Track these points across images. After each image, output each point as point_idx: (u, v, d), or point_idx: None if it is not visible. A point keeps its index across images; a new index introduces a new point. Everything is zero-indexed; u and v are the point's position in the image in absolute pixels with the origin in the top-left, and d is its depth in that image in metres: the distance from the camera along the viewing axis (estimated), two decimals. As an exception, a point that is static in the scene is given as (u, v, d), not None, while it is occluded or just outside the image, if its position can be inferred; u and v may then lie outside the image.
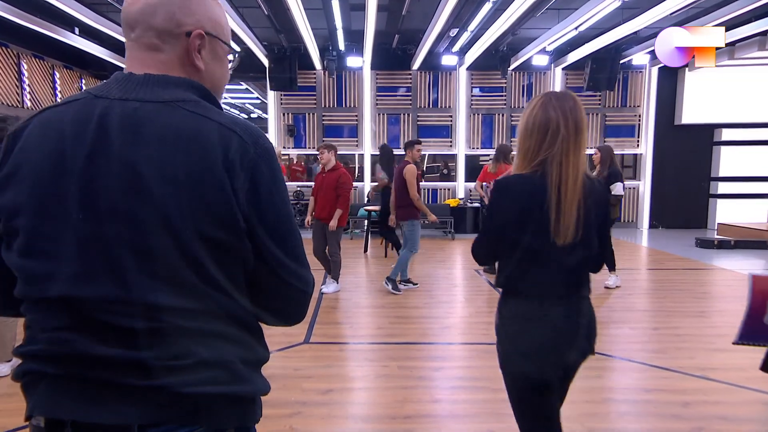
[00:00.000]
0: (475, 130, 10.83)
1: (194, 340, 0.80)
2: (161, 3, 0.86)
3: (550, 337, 1.50)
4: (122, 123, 0.80)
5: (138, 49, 0.88)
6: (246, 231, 0.82)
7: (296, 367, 3.48)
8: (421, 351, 3.86)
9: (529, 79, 10.75)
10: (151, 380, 0.77)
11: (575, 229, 1.48)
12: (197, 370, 0.79)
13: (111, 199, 0.78)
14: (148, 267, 0.78)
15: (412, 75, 10.70)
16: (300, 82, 10.03)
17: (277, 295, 0.88)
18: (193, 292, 0.80)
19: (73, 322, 0.78)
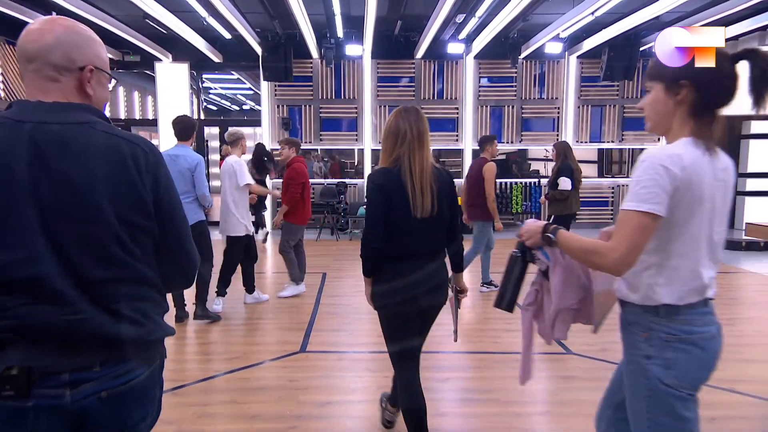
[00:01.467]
0: (483, 124, 10.82)
1: (124, 301, 1.18)
2: (57, 43, 1.19)
3: (409, 285, 2.21)
4: (50, 141, 1.14)
5: (39, 79, 1.21)
6: (153, 214, 1.23)
7: (292, 378, 3.47)
8: (425, 360, 3.81)
9: (542, 68, 10.73)
10: (98, 333, 1.15)
11: (431, 205, 2.21)
12: (130, 323, 1.19)
13: (51, 200, 1.13)
14: (84, 248, 1.14)
15: (415, 64, 10.69)
16: (295, 71, 10.03)
17: (173, 262, 1.30)
18: (119, 265, 1.18)
19: (33, 298, 1.11)
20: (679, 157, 1.37)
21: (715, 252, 1.47)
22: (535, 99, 10.77)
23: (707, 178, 1.40)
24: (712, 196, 1.42)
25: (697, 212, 1.40)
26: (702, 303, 1.45)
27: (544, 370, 3.67)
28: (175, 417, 2.97)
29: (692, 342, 1.42)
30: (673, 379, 1.42)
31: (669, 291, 1.42)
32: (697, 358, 1.42)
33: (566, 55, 10.50)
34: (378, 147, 10.74)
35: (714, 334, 1.46)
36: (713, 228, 1.45)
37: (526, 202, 10.62)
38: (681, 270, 1.42)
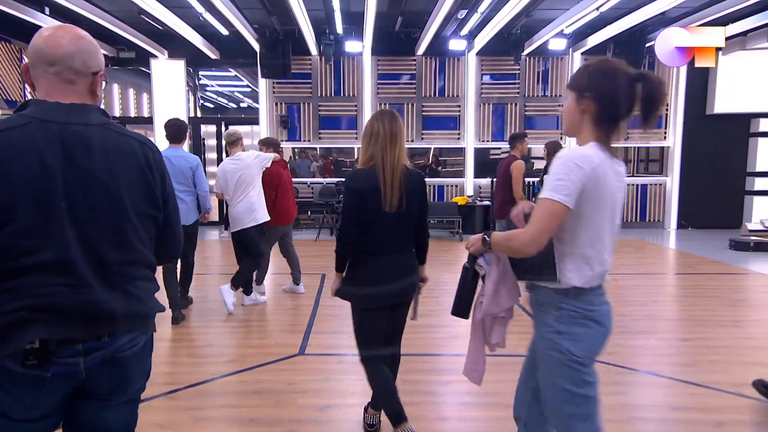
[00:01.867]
0: (486, 122, 10.82)
1: (133, 282, 1.42)
2: (78, 51, 1.40)
3: (378, 277, 2.45)
4: (76, 141, 1.35)
5: (59, 82, 1.40)
6: (162, 206, 1.50)
7: (290, 381, 3.47)
8: (426, 363, 3.85)
9: (545, 65, 10.73)
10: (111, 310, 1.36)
11: (399, 201, 2.41)
12: (137, 301, 1.42)
13: (80, 194, 1.34)
14: (106, 236, 1.37)
15: (416, 61, 10.69)
16: (294, 68, 10.03)
17: (171, 240, 1.58)
18: (131, 249, 1.42)
19: (59, 280, 1.31)
20: (590, 158, 1.62)
21: (613, 242, 1.75)
22: (538, 96, 10.77)
23: (610, 178, 1.66)
24: (613, 194, 1.68)
25: (600, 207, 1.65)
26: (599, 287, 1.74)
27: (547, 374, 3.66)
28: (170, 421, 2.97)
29: (594, 318, 1.70)
30: (581, 351, 1.68)
31: (578, 276, 1.68)
32: (598, 331, 1.71)
33: (570, 51, 10.49)
34: (378, 145, 10.75)
35: (608, 311, 1.76)
36: (614, 221, 1.72)
37: (529, 201, 10.60)
38: (588, 257, 1.67)
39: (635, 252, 8.52)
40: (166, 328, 4.74)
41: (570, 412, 1.72)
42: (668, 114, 10.80)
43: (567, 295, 1.69)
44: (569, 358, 1.69)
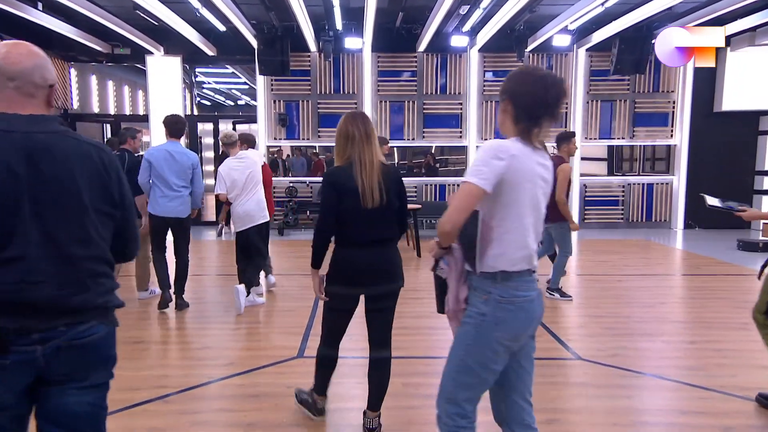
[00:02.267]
0: (488, 119, 10.82)
1: (95, 275, 1.57)
2: (36, 66, 1.55)
3: (358, 270, 2.61)
4: (39, 148, 1.49)
5: (18, 95, 1.54)
6: (117, 203, 1.63)
7: (289, 384, 3.47)
8: (428, 366, 3.85)
9: (549, 61, 10.72)
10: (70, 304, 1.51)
11: (379, 197, 2.58)
12: (96, 294, 1.57)
13: (44, 196, 1.49)
14: (69, 233, 1.52)
15: (417, 58, 10.69)
16: (293, 65, 10.03)
17: (127, 238, 1.71)
18: (93, 245, 1.56)
19: (24, 276, 1.46)
20: (508, 148, 1.81)
21: (537, 229, 1.91)
22: (542, 94, 10.74)
23: (529, 168, 1.84)
24: (534, 184, 1.86)
25: (520, 194, 1.83)
26: (527, 272, 1.89)
27: (550, 376, 3.67)
28: (166, 425, 2.97)
29: (518, 304, 1.86)
30: (500, 333, 1.87)
31: (504, 259, 1.84)
32: (518, 317, 1.88)
33: (575, 47, 10.49)
34: (378, 144, 10.75)
35: (533, 297, 1.91)
36: (536, 208, 1.89)
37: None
38: (512, 242, 1.84)
39: (641, 252, 8.51)
40: (161, 330, 4.74)
41: (462, 381, 1.93)
42: (675, 111, 10.79)
43: (495, 280, 1.86)
44: (486, 339, 1.87)
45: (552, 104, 1.85)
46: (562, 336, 4.41)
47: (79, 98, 11.72)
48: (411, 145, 10.94)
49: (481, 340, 1.88)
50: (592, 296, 5.83)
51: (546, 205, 1.98)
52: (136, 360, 3.92)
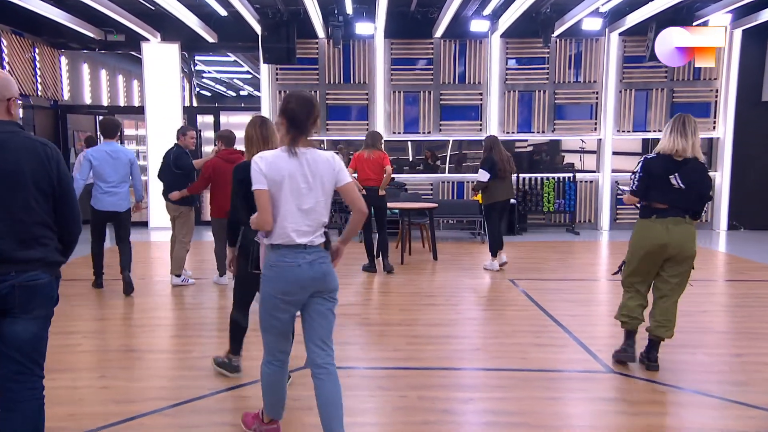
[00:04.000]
0: (511, 111, 10.78)
1: (36, 237, 2.34)
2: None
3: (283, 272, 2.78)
4: None
5: None
6: (56, 185, 2.39)
7: (295, 397, 3.48)
8: (445, 378, 3.85)
9: (578, 47, 10.66)
10: (18, 257, 2.31)
11: None
12: (38, 250, 2.35)
13: (4, 179, 2.29)
14: (18, 205, 2.30)
15: (434, 44, 10.68)
16: (299, 53, 10.07)
17: (63, 215, 2.43)
18: (34, 213, 2.34)
19: None
20: (266, 158, 2.65)
21: (306, 215, 2.66)
22: (570, 83, 10.70)
23: (284, 170, 2.62)
24: (295, 182, 2.63)
25: (281, 187, 2.62)
26: (298, 246, 2.65)
27: (580, 391, 3.65)
28: (164, 439, 3.00)
29: (278, 268, 2.66)
30: (270, 288, 2.70)
31: (274, 237, 2.66)
32: (279, 276, 2.66)
33: (606, 32, 10.41)
34: (392, 138, 10.78)
35: (299, 263, 2.65)
36: (300, 202, 2.64)
37: (559, 199, 10.56)
38: (278, 226, 2.65)
39: (679, 256, 8.42)
40: (156, 338, 4.79)
41: (262, 326, 2.80)
42: (718, 101, 10.66)
43: (271, 250, 2.70)
44: (264, 291, 2.74)
45: (306, 119, 2.69)
46: (591, 346, 4.39)
47: (70, 88, 11.87)
48: (427, 139, 10.92)
49: (263, 291, 2.74)
50: (625, 304, 5.78)
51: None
52: (130, 370, 3.97)
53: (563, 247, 9.21)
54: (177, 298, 5.94)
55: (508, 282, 6.61)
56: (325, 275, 2.71)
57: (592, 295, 6.30)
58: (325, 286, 2.72)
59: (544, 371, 3.94)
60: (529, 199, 10.56)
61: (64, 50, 11.38)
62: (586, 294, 6.27)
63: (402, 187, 10.24)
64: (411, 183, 10.75)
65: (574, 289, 6.41)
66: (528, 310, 5.49)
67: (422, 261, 7.94)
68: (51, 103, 10.90)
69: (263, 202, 2.61)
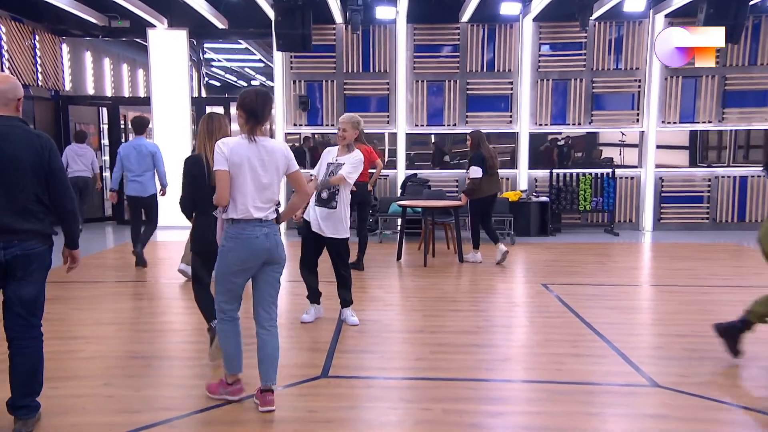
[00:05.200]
0: (544, 101, 10.70)
1: (37, 213, 3.12)
2: (9, 89, 3.11)
3: (213, 233, 3.62)
4: (1, 133, 3.07)
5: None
6: (47, 169, 3.13)
7: (311, 408, 3.50)
8: (472, 390, 3.84)
9: (619, 31, 10.54)
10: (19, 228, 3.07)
11: None
12: (34, 223, 3.12)
13: (3, 162, 3.05)
14: (18, 186, 3.07)
15: (460, 29, 10.65)
16: (315, 40, 10.10)
17: (55, 192, 3.16)
18: (28, 191, 3.08)
19: None
20: (228, 144, 3.30)
21: (261, 193, 3.34)
22: (609, 70, 10.59)
23: (245, 155, 3.29)
24: (253, 165, 3.30)
25: (241, 170, 3.28)
26: (255, 220, 3.34)
27: (620, 406, 3.61)
28: (172, 451, 3.03)
29: (238, 240, 3.34)
30: (230, 256, 3.37)
31: (233, 212, 3.33)
32: (240, 247, 3.34)
33: (651, 13, 10.28)
34: (414, 131, 10.77)
35: (257, 235, 3.35)
36: (258, 183, 3.32)
37: (597, 197, 10.45)
38: (238, 202, 3.31)
39: (731, 259, 8.29)
40: (163, 343, 4.85)
41: (218, 288, 3.48)
42: (773, 89, 10.45)
43: (230, 224, 3.37)
44: (224, 260, 3.40)
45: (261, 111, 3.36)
46: (633, 358, 4.33)
47: (72, 78, 12.08)
48: (453, 132, 10.89)
49: (222, 258, 3.42)
50: (671, 311, 5.70)
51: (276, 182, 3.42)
52: (135, 378, 4.01)
53: (601, 249, 9.12)
54: (185, 302, 6.00)
55: (541, 286, 6.56)
56: (277, 246, 3.45)
57: (633, 302, 6.22)
58: (276, 257, 3.46)
59: (581, 384, 3.89)
60: (563, 197, 10.47)
61: (66, 37, 11.58)
62: (626, 300, 6.19)
63: (425, 184, 10.22)
64: (435, 179, 10.72)
65: (614, 294, 6.34)
66: (563, 317, 5.44)
67: (447, 263, 7.92)
68: (52, 93, 11.10)
69: (223, 181, 3.26)
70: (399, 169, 10.83)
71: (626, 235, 10.33)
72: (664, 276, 7.37)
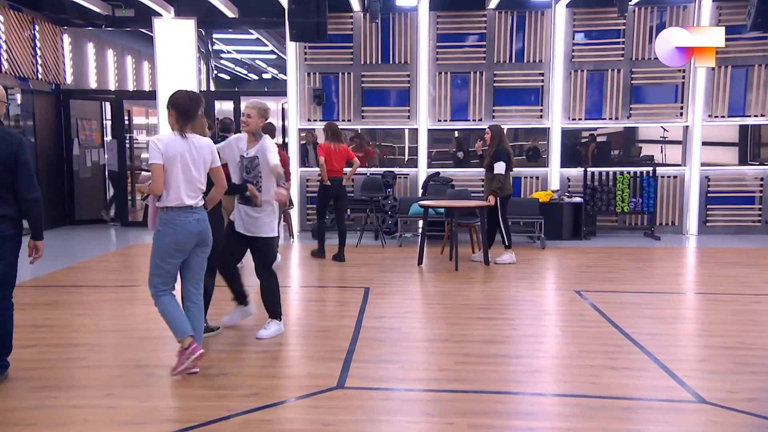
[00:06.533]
0: (578, 94, 10.63)
1: (8, 200, 3.95)
2: None
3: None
4: None
5: None
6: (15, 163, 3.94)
7: (326, 422, 3.51)
8: (500, 404, 3.82)
9: (661, 17, 10.44)
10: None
11: None
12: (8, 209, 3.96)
13: None
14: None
15: (487, 17, 10.63)
16: (331, 29, 10.14)
17: (18, 183, 3.93)
18: (3, 183, 3.92)
19: None
20: (162, 139, 3.98)
21: (190, 184, 4.03)
22: (650, 60, 10.50)
23: (177, 150, 3.97)
24: (184, 160, 3.99)
25: (173, 164, 3.95)
26: (187, 207, 4.02)
27: (662, 423, 3.57)
28: (178, 465, 3.06)
29: (173, 225, 3.99)
30: (167, 241, 4.02)
31: (167, 200, 3.97)
32: (175, 231, 3.99)
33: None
34: (436, 126, 10.77)
35: (189, 220, 4.03)
36: (188, 174, 4.01)
37: (635, 198, 10.35)
38: (171, 193, 3.97)
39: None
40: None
41: (154, 270, 4.11)
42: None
43: (165, 211, 4.02)
44: (160, 243, 4.05)
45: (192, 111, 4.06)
46: (677, 371, 4.28)
47: (74, 71, 12.25)
48: (478, 128, 10.86)
49: (157, 243, 4.07)
50: (718, 321, 5.63)
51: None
52: (140, 388, 4.05)
53: (640, 253, 9.03)
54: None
55: (574, 293, 6.51)
56: (207, 230, 4.19)
57: (676, 311, 6.15)
58: (205, 239, 4.20)
59: (619, 399, 3.85)
60: (598, 197, 10.38)
61: (67, 27, 11.76)
62: (669, 309, 6.12)
63: (448, 183, 10.21)
64: (459, 178, 10.69)
65: (655, 303, 6.27)
66: (598, 326, 5.39)
67: (472, 268, 7.89)
68: (52, 87, 11.27)
69: (158, 173, 3.93)
70: (420, 167, 10.82)
71: (668, 239, 10.21)
72: (710, 283, 7.27)
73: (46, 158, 10.96)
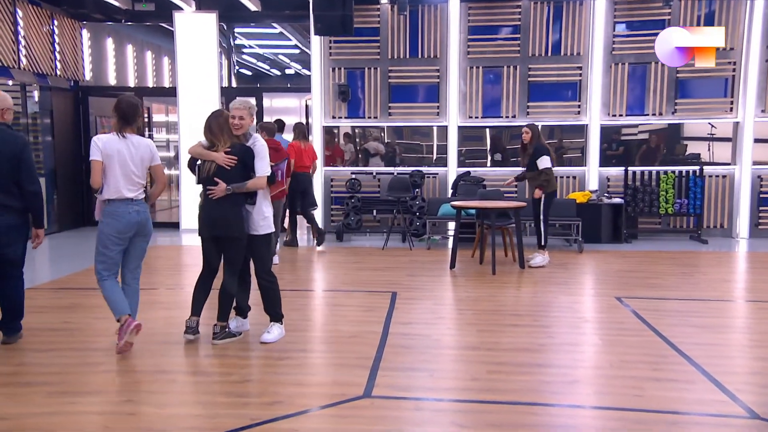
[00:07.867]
0: (618, 89, 10.52)
1: (15, 193, 4.91)
2: None
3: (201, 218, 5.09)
4: None
5: None
6: (18, 161, 4.89)
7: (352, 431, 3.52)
8: (535, 415, 3.81)
9: (709, 5, 10.29)
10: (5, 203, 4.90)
11: None
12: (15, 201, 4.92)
13: None
14: (3, 172, 4.84)
15: (521, 8, 10.58)
16: (357, 22, 10.16)
17: (22, 178, 4.86)
18: (9, 181, 4.87)
19: None
20: (102, 138, 4.76)
21: (129, 179, 4.73)
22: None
23: (115, 147, 4.71)
24: (122, 156, 4.70)
25: (112, 161, 4.68)
26: (127, 200, 4.73)
27: (712, 439, 3.50)
28: (199, 475, 3.08)
29: (114, 215, 4.72)
30: (109, 230, 4.75)
31: (108, 193, 4.71)
32: (115, 221, 4.73)
33: (746, -14, 10.01)
34: (467, 123, 10.74)
35: (129, 211, 4.74)
36: (126, 170, 4.71)
37: (680, 199, 10.21)
38: (111, 186, 4.70)
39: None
40: (191, 357, 4.94)
41: (97, 258, 4.80)
42: None
43: (107, 203, 4.69)
44: (104, 232, 4.72)
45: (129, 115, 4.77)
46: (727, 384, 4.21)
47: (93, 67, 12.45)
48: (513, 124, 10.80)
49: (100, 233, 4.74)
50: (771, 331, 5.54)
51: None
52: (159, 394, 4.11)
53: (686, 258, 8.90)
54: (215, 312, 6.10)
55: (614, 300, 6.44)
56: (147, 221, 4.85)
57: (726, 320, 6.04)
58: (145, 229, 4.86)
59: (665, 413, 3.79)
60: (640, 198, 10.25)
61: (86, 22, 11.97)
62: (717, 318, 6.02)
63: (479, 183, 10.17)
64: (490, 178, 10.63)
65: (702, 311, 6.17)
66: (641, 335, 5.33)
67: (505, 272, 7.85)
68: (71, 84, 11.48)
69: (96, 168, 4.62)
70: (450, 166, 10.79)
71: (716, 243, 10.06)
72: (762, 290, 7.16)
73: (64, 157, 11.18)
